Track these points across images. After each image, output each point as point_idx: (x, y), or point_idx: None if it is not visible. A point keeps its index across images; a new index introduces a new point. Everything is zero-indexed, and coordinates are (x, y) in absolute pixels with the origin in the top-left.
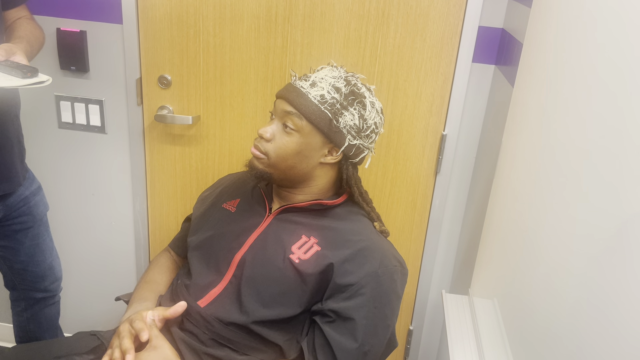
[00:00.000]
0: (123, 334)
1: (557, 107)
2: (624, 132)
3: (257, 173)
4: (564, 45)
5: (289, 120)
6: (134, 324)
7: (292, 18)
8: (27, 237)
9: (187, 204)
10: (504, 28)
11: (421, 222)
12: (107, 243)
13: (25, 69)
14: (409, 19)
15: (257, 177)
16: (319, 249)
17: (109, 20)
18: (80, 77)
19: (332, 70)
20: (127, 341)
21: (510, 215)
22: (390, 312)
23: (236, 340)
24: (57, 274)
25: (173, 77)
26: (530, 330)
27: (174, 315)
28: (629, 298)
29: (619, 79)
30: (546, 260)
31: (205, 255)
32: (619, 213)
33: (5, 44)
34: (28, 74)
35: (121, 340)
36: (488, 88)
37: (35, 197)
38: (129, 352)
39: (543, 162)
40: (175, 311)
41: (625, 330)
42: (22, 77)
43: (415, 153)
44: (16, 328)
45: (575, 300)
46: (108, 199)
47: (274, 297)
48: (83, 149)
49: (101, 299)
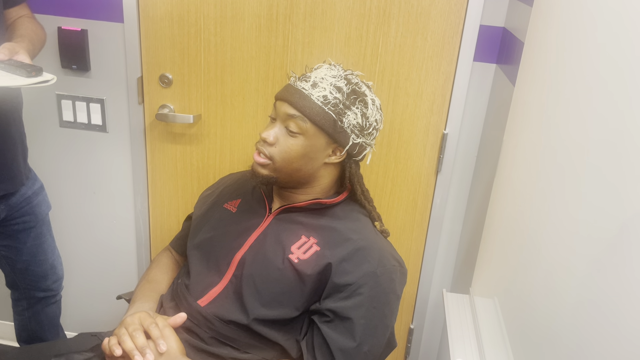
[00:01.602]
0: (133, 327)
1: (558, 106)
2: (625, 131)
3: (262, 180)
4: (565, 44)
5: (292, 123)
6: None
7: (293, 17)
8: (30, 237)
9: (188, 202)
10: (505, 27)
11: (422, 221)
12: (108, 242)
13: (29, 67)
14: (410, 18)
15: (262, 184)
16: (318, 249)
17: (110, 19)
18: (82, 76)
19: (330, 69)
20: (142, 337)
21: (511, 214)
22: (389, 311)
23: (237, 339)
24: (59, 273)
25: (174, 76)
26: (531, 329)
27: (173, 326)
28: (629, 297)
29: (620, 78)
30: (547, 259)
31: (206, 255)
32: (620, 212)
33: (7, 43)
34: (32, 72)
35: (133, 333)
36: (489, 87)
37: (38, 197)
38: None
39: (544, 161)
40: (174, 322)
41: (626, 330)
42: (27, 76)
43: (416, 152)
44: (18, 327)
45: (576, 299)
46: (109, 198)
47: (274, 296)
48: (84, 148)
49: (102, 297)
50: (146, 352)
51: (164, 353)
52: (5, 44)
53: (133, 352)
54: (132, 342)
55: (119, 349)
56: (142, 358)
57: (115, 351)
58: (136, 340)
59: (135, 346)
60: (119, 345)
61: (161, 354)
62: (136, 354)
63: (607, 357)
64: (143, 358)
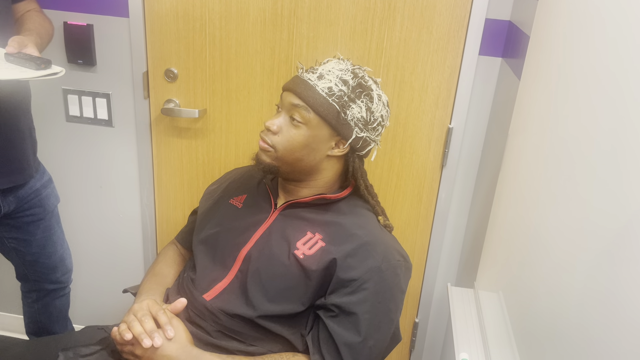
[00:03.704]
0: (142, 313)
1: (565, 99)
2: (633, 126)
3: (264, 167)
4: (572, 38)
5: (296, 112)
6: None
7: (297, 11)
8: (39, 229)
9: (193, 196)
10: (510, 20)
11: (427, 216)
12: (115, 235)
13: (38, 60)
14: (415, 12)
15: (264, 171)
16: (323, 244)
17: (115, 14)
18: (88, 70)
19: (338, 63)
20: (151, 322)
21: (516, 208)
22: (394, 306)
23: (243, 332)
24: (68, 265)
25: (179, 71)
26: (536, 323)
27: (174, 312)
28: (635, 292)
29: (628, 71)
30: (552, 253)
31: (211, 250)
32: (627, 207)
33: (16, 37)
34: (42, 65)
35: (142, 318)
36: (495, 81)
37: (47, 189)
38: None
39: (550, 155)
40: (175, 308)
41: (631, 325)
42: (36, 68)
43: (421, 146)
44: (27, 319)
45: (581, 293)
46: (115, 192)
47: (280, 292)
48: (90, 142)
49: (109, 290)
50: (155, 337)
51: (172, 339)
52: (14, 37)
53: (142, 335)
54: (141, 327)
55: (129, 333)
56: (151, 342)
57: (125, 335)
58: (145, 324)
59: (144, 330)
60: (129, 330)
61: (169, 340)
62: (145, 338)
63: (612, 351)
64: (152, 341)
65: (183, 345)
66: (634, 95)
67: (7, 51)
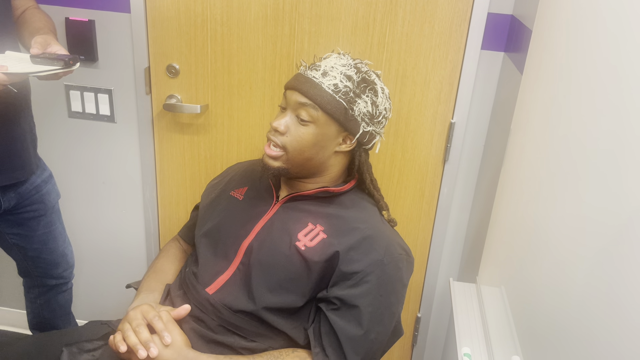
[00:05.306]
0: (136, 322)
1: (567, 94)
2: (635, 121)
3: (273, 172)
4: (575, 32)
5: (303, 111)
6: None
7: (299, 6)
8: (40, 225)
9: (196, 192)
10: (513, 15)
11: (429, 210)
12: (118, 231)
13: (66, 57)
14: (417, 6)
15: (274, 176)
16: (325, 236)
17: (117, 10)
18: (89, 66)
19: (339, 58)
20: (146, 332)
21: (518, 203)
22: (396, 300)
23: (244, 327)
24: (70, 261)
25: (181, 66)
26: (538, 318)
27: (176, 318)
28: (635, 287)
29: (632, 67)
30: (554, 248)
31: (213, 243)
32: (629, 202)
33: (38, 37)
34: (70, 62)
35: (137, 328)
36: (497, 75)
37: (47, 185)
38: (150, 342)
39: (552, 150)
40: (178, 314)
41: (632, 319)
42: (65, 66)
43: (424, 141)
44: (30, 314)
45: (583, 288)
46: (118, 188)
47: (281, 283)
48: (93, 138)
49: (112, 286)
50: (150, 347)
51: (169, 345)
52: (36, 37)
53: (137, 346)
54: (136, 337)
55: (123, 345)
56: (147, 352)
57: (120, 348)
58: (140, 335)
59: (139, 341)
60: (123, 341)
61: (166, 346)
62: (140, 349)
63: (614, 346)
64: (147, 352)
65: (179, 349)
66: (636, 90)
67: (32, 53)
